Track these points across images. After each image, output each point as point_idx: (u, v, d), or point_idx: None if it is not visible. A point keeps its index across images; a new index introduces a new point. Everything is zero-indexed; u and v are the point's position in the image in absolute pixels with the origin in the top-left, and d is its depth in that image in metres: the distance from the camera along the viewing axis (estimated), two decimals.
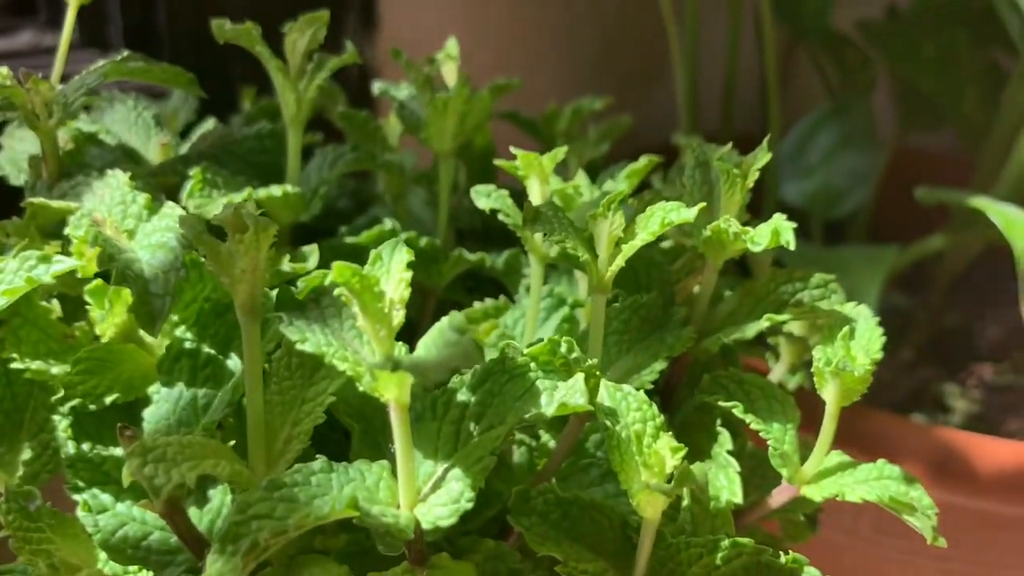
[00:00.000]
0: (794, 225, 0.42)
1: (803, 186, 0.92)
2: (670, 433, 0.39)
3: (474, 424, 0.39)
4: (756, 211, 0.54)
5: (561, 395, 0.38)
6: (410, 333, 0.41)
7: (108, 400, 0.43)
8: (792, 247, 0.41)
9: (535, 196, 0.49)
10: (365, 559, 0.43)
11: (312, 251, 0.49)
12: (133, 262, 0.40)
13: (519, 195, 0.51)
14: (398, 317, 0.35)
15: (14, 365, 0.45)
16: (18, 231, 0.47)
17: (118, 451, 0.46)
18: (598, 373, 0.40)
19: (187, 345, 0.44)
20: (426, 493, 0.38)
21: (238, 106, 0.73)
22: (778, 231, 0.42)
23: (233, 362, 0.44)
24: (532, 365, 0.40)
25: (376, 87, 0.59)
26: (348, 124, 0.59)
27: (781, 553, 0.42)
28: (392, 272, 0.36)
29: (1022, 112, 0.79)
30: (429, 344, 0.33)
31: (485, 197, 0.48)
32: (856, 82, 1.00)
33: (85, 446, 0.46)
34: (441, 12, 0.94)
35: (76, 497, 0.45)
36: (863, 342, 0.45)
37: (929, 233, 0.87)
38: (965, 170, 0.93)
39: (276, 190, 0.49)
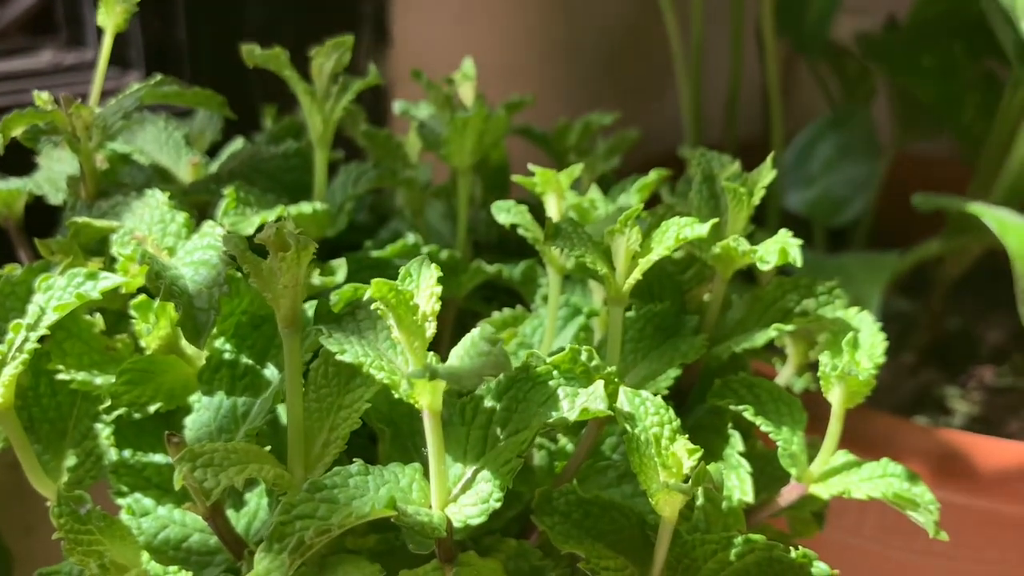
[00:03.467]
0: (800, 242, 0.45)
1: (805, 195, 0.95)
2: (686, 436, 0.41)
3: (500, 429, 0.41)
4: (760, 219, 0.56)
5: (583, 401, 0.41)
6: (432, 342, 0.44)
7: (152, 409, 0.46)
8: (799, 264, 0.44)
9: (552, 211, 0.51)
10: (394, 558, 0.46)
11: (340, 265, 0.51)
12: (178, 278, 0.42)
13: (533, 207, 0.53)
14: (430, 329, 0.38)
15: (60, 376, 0.48)
16: (62, 249, 0.49)
17: (157, 458, 0.49)
18: (617, 380, 0.42)
19: (226, 356, 0.46)
20: (456, 494, 0.41)
21: (258, 122, 0.75)
22: (785, 249, 0.44)
23: (270, 372, 0.46)
24: (554, 373, 0.42)
25: (397, 107, 0.62)
26: (370, 142, 0.62)
27: (792, 549, 0.44)
28: (422, 287, 0.38)
29: (1016, 119, 0.82)
30: (462, 354, 0.35)
31: (505, 212, 0.50)
32: (856, 93, 1.02)
33: (127, 453, 0.48)
34: (451, 30, 0.96)
35: (120, 501, 0.48)
36: (867, 347, 0.47)
37: (930, 237, 0.89)
38: (961, 176, 0.95)
39: (306, 207, 0.51)
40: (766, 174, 0.48)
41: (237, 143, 0.62)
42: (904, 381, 0.93)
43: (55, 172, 0.57)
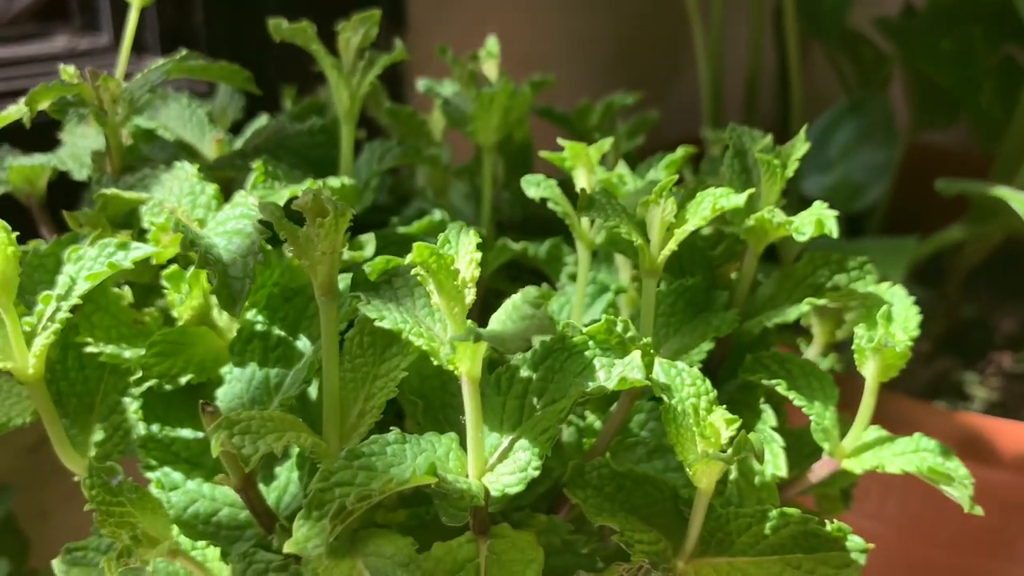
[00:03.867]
0: (836, 213, 0.44)
1: (823, 180, 0.94)
2: (723, 406, 0.41)
3: (537, 398, 0.41)
4: None
5: (620, 371, 0.40)
6: None
7: (183, 380, 0.46)
8: (835, 235, 0.43)
9: (583, 184, 0.51)
10: (425, 532, 0.45)
11: (369, 240, 0.51)
12: (212, 247, 0.42)
13: (561, 186, 0.53)
14: (470, 295, 0.37)
15: (88, 349, 0.48)
16: (90, 221, 0.49)
17: (185, 432, 0.49)
18: (652, 351, 0.42)
19: (258, 328, 0.46)
20: (493, 463, 0.40)
21: (277, 105, 0.75)
22: (822, 221, 0.44)
23: (302, 343, 0.46)
24: (590, 343, 0.42)
25: (421, 84, 0.61)
26: (394, 119, 0.61)
27: (826, 522, 0.44)
28: (462, 253, 0.38)
29: None
30: (504, 318, 0.35)
31: (535, 187, 0.50)
32: (872, 78, 1.02)
33: (155, 427, 0.48)
34: (468, 10, 0.96)
35: (149, 475, 0.47)
36: (900, 320, 0.47)
37: (943, 226, 0.89)
38: (974, 164, 0.95)
39: (334, 182, 0.51)
40: (800, 147, 0.48)
41: (262, 120, 0.62)
42: (921, 368, 0.92)
43: (79, 148, 0.57)
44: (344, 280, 0.45)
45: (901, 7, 1.00)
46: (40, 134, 0.59)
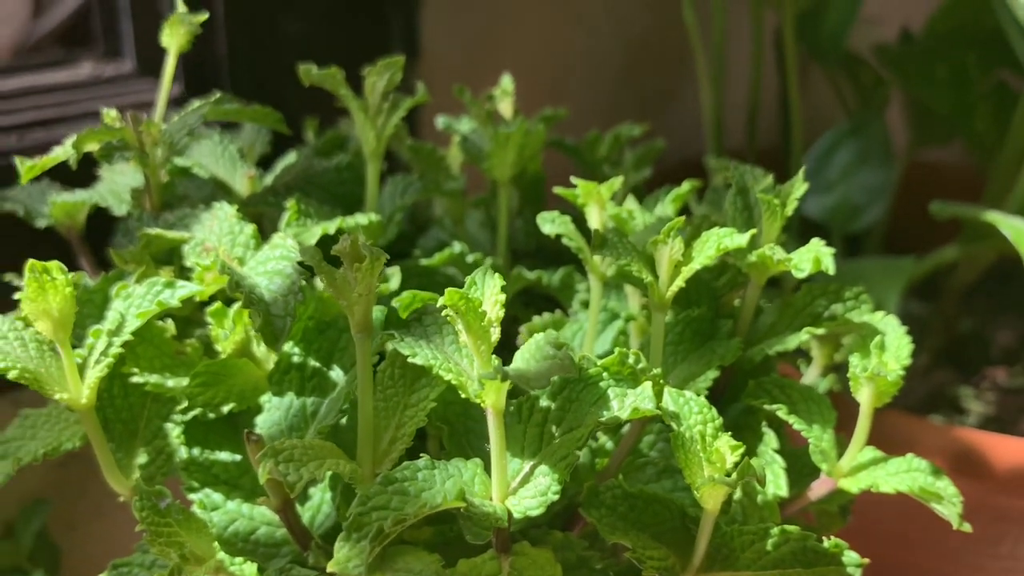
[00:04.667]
0: (833, 251, 0.47)
1: (823, 201, 0.97)
2: (729, 433, 0.44)
3: (555, 427, 0.44)
4: None
5: (632, 401, 0.43)
6: None
7: (225, 409, 0.49)
8: (832, 272, 0.46)
9: (594, 221, 0.54)
10: (449, 549, 0.48)
11: (394, 272, 0.54)
12: (255, 287, 0.45)
13: (573, 220, 0.56)
14: (495, 334, 0.41)
15: (133, 379, 0.51)
16: (134, 258, 0.52)
17: (224, 455, 0.52)
18: (662, 381, 0.45)
19: (295, 359, 0.49)
20: (515, 487, 0.44)
21: (300, 133, 0.78)
22: (819, 258, 0.47)
23: (336, 373, 0.49)
24: (604, 374, 0.45)
25: (439, 122, 0.65)
26: (415, 155, 0.65)
27: (824, 539, 0.47)
28: (487, 294, 0.41)
29: None
30: (528, 357, 0.38)
31: (550, 223, 0.53)
32: (871, 101, 1.05)
33: (195, 451, 0.51)
34: (477, 41, 0.99)
35: (191, 496, 0.51)
36: (893, 349, 0.50)
37: (941, 244, 0.92)
38: (974, 183, 0.98)
39: (362, 218, 0.54)
40: (798, 187, 0.51)
41: (290, 157, 0.65)
42: (918, 382, 0.95)
43: (118, 184, 0.60)
44: (375, 313, 0.48)
45: (898, 33, 1.03)
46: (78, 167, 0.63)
